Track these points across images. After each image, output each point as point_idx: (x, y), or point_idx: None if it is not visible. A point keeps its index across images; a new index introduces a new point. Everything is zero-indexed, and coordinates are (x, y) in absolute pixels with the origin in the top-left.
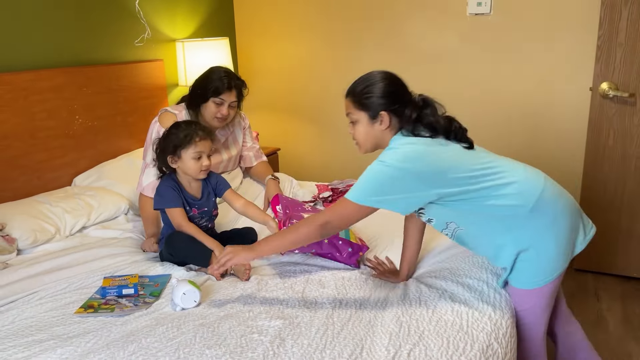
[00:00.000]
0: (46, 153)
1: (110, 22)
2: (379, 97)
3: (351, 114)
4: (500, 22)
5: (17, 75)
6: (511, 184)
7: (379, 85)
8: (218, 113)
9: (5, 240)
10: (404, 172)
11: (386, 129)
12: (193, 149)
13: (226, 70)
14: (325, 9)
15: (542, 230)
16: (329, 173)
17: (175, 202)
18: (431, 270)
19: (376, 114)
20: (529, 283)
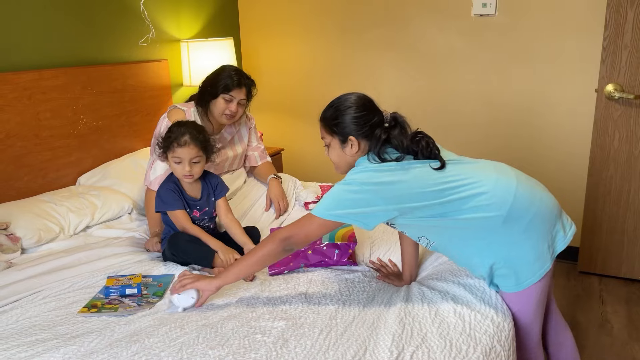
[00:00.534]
0: (50, 152)
1: (114, 22)
2: (348, 124)
3: (324, 138)
4: (505, 23)
5: (21, 74)
6: (481, 194)
7: (348, 112)
8: (227, 110)
9: (10, 239)
10: (364, 188)
11: (357, 152)
12: (172, 154)
13: (237, 68)
14: (330, 10)
15: (516, 237)
16: (333, 174)
17: (177, 205)
18: (432, 272)
19: (345, 139)
20: (511, 287)
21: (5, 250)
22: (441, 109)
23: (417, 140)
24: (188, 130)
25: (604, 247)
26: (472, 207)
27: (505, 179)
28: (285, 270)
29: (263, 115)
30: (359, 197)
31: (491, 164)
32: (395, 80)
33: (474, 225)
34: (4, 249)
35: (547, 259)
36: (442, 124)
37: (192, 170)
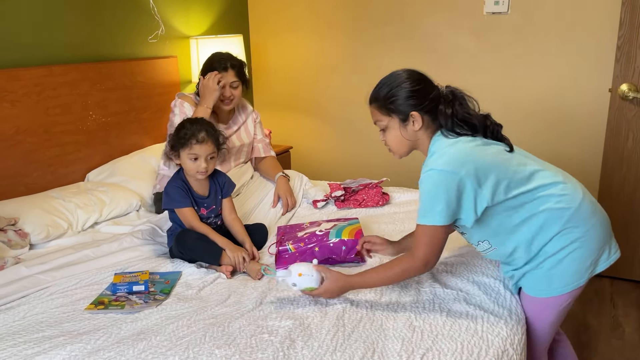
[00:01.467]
0: (59, 148)
1: (124, 18)
2: (406, 99)
3: (379, 121)
4: (517, 21)
5: (31, 70)
6: (556, 184)
7: (403, 86)
8: (221, 95)
9: (18, 234)
10: (459, 177)
11: (420, 129)
12: (189, 150)
13: (224, 54)
14: (340, 7)
15: (567, 243)
16: (342, 172)
17: (184, 202)
18: (446, 264)
19: (406, 116)
20: (540, 291)
21: (13, 246)
22: None
23: (484, 116)
24: (204, 126)
25: None
26: (546, 195)
27: (572, 183)
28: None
29: (272, 113)
30: (456, 186)
31: (555, 167)
32: None
33: (541, 217)
34: (12, 245)
35: (584, 275)
36: None
37: (208, 167)
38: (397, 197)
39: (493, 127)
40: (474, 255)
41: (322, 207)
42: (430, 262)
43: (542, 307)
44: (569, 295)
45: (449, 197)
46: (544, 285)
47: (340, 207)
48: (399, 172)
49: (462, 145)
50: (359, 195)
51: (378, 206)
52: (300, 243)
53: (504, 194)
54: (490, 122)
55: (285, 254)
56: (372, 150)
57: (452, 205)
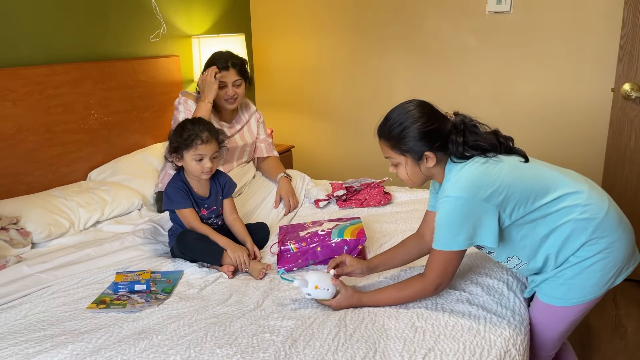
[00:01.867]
0: (61, 147)
1: (126, 17)
2: (420, 139)
3: (391, 158)
4: (520, 21)
5: (33, 69)
6: (578, 193)
7: (415, 127)
8: (225, 95)
9: (20, 233)
10: (476, 202)
11: (434, 165)
12: (194, 151)
13: (225, 52)
14: (342, 7)
15: (592, 253)
16: (344, 171)
17: (185, 203)
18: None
19: (421, 155)
20: (556, 299)
21: (15, 245)
22: (454, 107)
23: (494, 134)
24: (205, 126)
25: None
26: (569, 206)
27: (598, 191)
28: (294, 268)
29: (274, 112)
30: (474, 211)
31: (580, 175)
32: (407, 77)
33: (566, 228)
34: (14, 244)
35: (603, 288)
36: None
37: (212, 166)
38: (399, 197)
39: (504, 142)
40: (478, 257)
41: (324, 207)
42: (441, 286)
43: (555, 316)
44: (584, 306)
45: (466, 224)
46: (562, 294)
47: (342, 207)
48: None
49: (475, 168)
50: (361, 195)
51: (380, 205)
52: (302, 243)
53: (524, 209)
54: (501, 138)
55: (287, 254)
56: (374, 150)
57: (470, 231)
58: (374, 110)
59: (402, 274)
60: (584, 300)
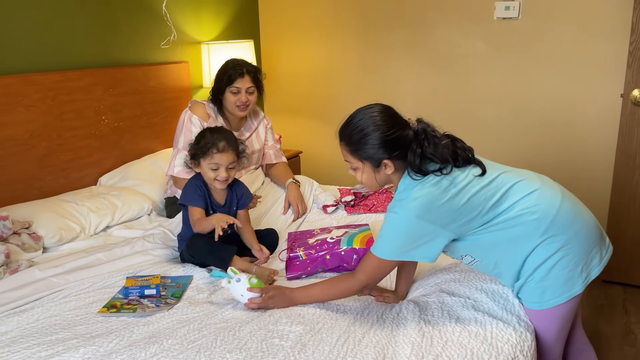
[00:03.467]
0: (72, 153)
1: (137, 24)
2: (379, 147)
3: (350, 162)
4: (528, 27)
5: (46, 75)
6: (527, 196)
7: (376, 135)
8: (237, 101)
9: (32, 238)
10: (421, 222)
11: (392, 173)
12: (210, 160)
13: (239, 60)
14: (350, 13)
15: (550, 253)
16: (351, 177)
17: (198, 202)
18: (454, 271)
19: (379, 163)
20: (534, 303)
21: (27, 249)
22: (462, 113)
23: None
24: (224, 135)
25: (628, 256)
26: (518, 211)
27: (549, 190)
28: (303, 275)
29: (282, 118)
30: (418, 232)
31: (534, 174)
32: (415, 83)
33: (516, 231)
34: (26, 248)
35: (577, 283)
36: (463, 127)
37: (228, 176)
38: None
39: (462, 153)
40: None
41: (332, 212)
42: (367, 288)
43: (542, 319)
44: (566, 304)
45: (407, 240)
46: (538, 297)
47: (350, 212)
48: None
49: (427, 190)
50: (369, 201)
51: None
52: (312, 250)
53: (473, 224)
54: (459, 150)
55: (297, 261)
56: None
57: (409, 247)
58: None
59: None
60: (563, 299)
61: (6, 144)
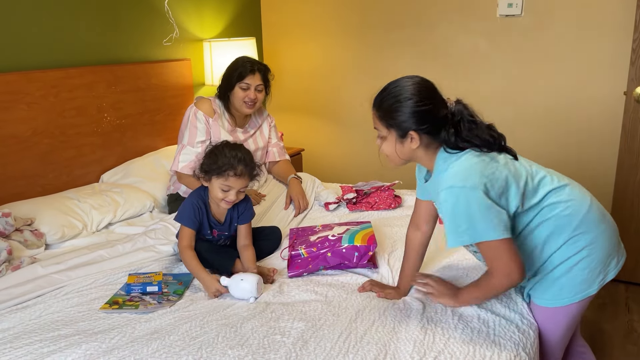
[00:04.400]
0: (75, 150)
1: (139, 21)
2: (409, 117)
3: (378, 129)
4: (531, 24)
5: (48, 72)
6: (562, 187)
7: (409, 103)
8: (246, 97)
9: (34, 234)
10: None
11: (417, 148)
12: (223, 181)
13: (249, 57)
14: (353, 11)
15: (575, 250)
16: (354, 174)
17: (192, 224)
18: (458, 268)
19: (405, 133)
20: (546, 300)
21: (29, 246)
22: None
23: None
24: (243, 159)
25: (631, 254)
26: (552, 204)
27: (578, 187)
28: (304, 273)
29: (284, 116)
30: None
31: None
32: None
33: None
34: (28, 245)
35: (594, 284)
36: None
37: (236, 199)
38: (409, 200)
39: (497, 139)
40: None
41: (334, 210)
42: (513, 273)
43: (551, 317)
44: (578, 304)
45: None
46: (552, 294)
47: (352, 210)
48: (412, 175)
49: (474, 160)
50: (371, 198)
51: (390, 209)
52: (313, 248)
53: (515, 204)
54: (495, 134)
55: (298, 259)
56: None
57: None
58: None
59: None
60: (577, 299)
61: (8, 141)
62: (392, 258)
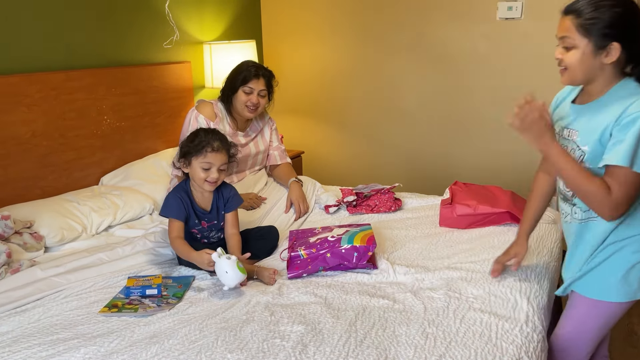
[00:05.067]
0: (75, 152)
1: (140, 24)
2: (611, 26)
3: (568, 37)
4: (531, 27)
5: (48, 75)
6: None
7: (617, 10)
8: (248, 101)
9: (33, 237)
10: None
11: (610, 64)
12: (202, 159)
13: (255, 62)
14: (352, 14)
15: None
16: (354, 177)
17: (177, 215)
18: (461, 269)
19: (605, 44)
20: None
21: (29, 249)
22: (464, 113)
23: None
24: (218, 136)
25: None
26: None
27: None
28: (304, 274)
29: (284, 118)
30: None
31: None
32: (417, 83)
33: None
34: (27, 247)
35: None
36: (465, 127)
37: (218, 177)
38: (409, 203)
39: None
40: (490, 263)
41: (334, 213)
42: (619, 210)
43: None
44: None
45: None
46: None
47: (352, 213)
48: (412, 177)
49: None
50: (371, 201)
51: (390, 212)
52: (312, 249)
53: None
54: None
55: (297, 260)
56: (385, 156)
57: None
58: (384, 115)
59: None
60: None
61: (8, 143)
62: (392, 257)
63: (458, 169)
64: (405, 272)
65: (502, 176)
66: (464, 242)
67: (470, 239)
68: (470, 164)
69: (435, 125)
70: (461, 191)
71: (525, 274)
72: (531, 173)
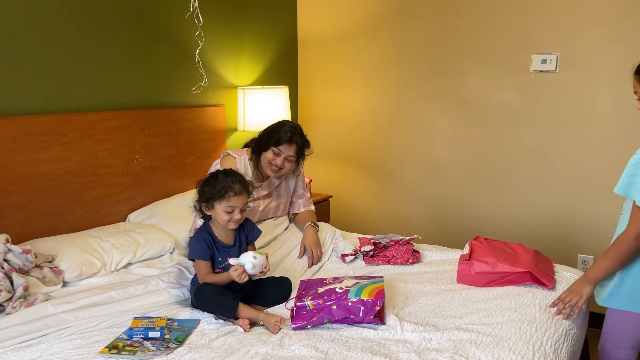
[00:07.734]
0: (105, 189)
1: (175, 68)
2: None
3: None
4: (566, 80)
5: (84, 115)
6: None
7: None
8: (273, 161)
9: (53, 272)
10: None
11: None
12: (226, 203)
13: (295, 126)
14: (387, 61)
15: None
16: (379, 224)
17: (202, 255)
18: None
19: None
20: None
21: (47, 283)
22: (496, 165)
23: None
24: (238, 178)
25: None
26: None
27: None
28: (308, 325)
29: (314, 162)
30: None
31: None
32: (449, 133)
33: None
34: (46, 282)
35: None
36: (494, 180)
37: (242, 217)
38: (428, 256)
39: None
40: (503, 326)
41: (350, 262)
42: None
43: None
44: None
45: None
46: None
47: (369, 263)
48: (437, 228)
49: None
50: (389, 252)
51: (408, 264)
52: (319, 299)
53: None
54: None
55: (303, 311)
56: (410, 204)
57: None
58: (413, 165)
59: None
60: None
61: (41, 179)
62: (402, 313)
63: (484, 222)
64: (414, 329)
65: (529, 233)
66: (480, 301)
67: (487, 298)
68: (497, 218)
69: (463, 176)
70: (481, 247)
71: (541, 341)
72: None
